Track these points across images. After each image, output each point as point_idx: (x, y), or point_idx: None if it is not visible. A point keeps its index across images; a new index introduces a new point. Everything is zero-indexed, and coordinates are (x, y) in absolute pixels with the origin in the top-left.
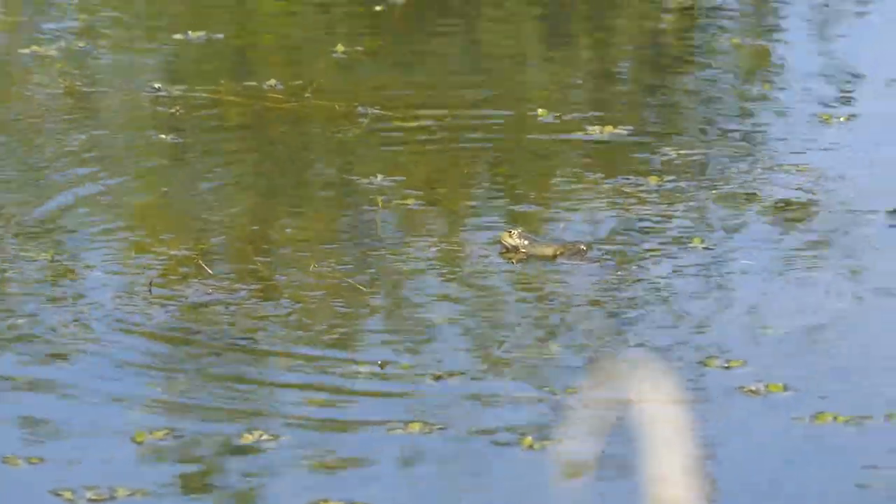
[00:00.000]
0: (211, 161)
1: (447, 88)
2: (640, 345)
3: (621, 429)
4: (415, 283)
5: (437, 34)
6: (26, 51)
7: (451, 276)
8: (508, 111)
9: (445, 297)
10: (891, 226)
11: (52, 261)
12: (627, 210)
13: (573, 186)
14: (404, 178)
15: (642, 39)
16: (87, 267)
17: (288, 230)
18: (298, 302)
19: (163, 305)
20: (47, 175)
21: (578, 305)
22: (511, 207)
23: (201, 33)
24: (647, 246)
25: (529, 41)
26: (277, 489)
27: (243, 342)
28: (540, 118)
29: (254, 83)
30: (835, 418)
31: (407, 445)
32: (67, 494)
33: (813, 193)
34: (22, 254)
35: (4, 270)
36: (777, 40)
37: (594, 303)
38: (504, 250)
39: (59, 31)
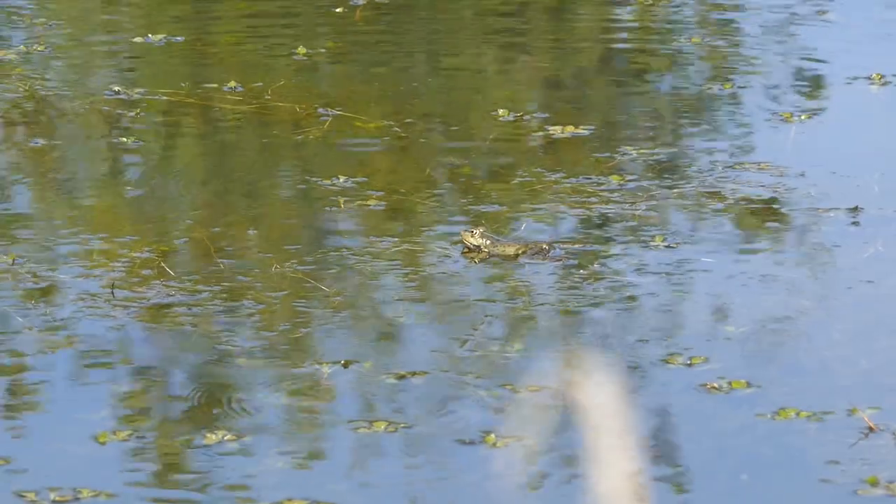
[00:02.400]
0: (171, 163)
1: (408, 89)
2: (601, 343)
3: (568, 422)
4: (377, 284)
5: (397, 35)
6: None
7: (414, 276)
8: (469, 111)
9: (408, 297)
10: (851, 223)
11: (12, 263)
12: (589, 209)
13: (535, 186)
14: (366, 178)
15: (602, 39)
16: (50, 269)
17: (250, 231)
18: (261, 303)
19: (125, 307)
20: (7, 178)
21: (540, 304)
22: (472, 207)
23: (161, 36)
24: (609, 245)
25: (489, 42)
26: (242, 489)
27: (206, 343)
28: (501, 118)
29: (214, 85)
30: (797, 414)
31: (371, 444)
32: (31, 496)
33: (774, 191)
34: None
35: None
36: (737, 39)
37: (557, 302)
38: (466, 250)
39: (17, 35)
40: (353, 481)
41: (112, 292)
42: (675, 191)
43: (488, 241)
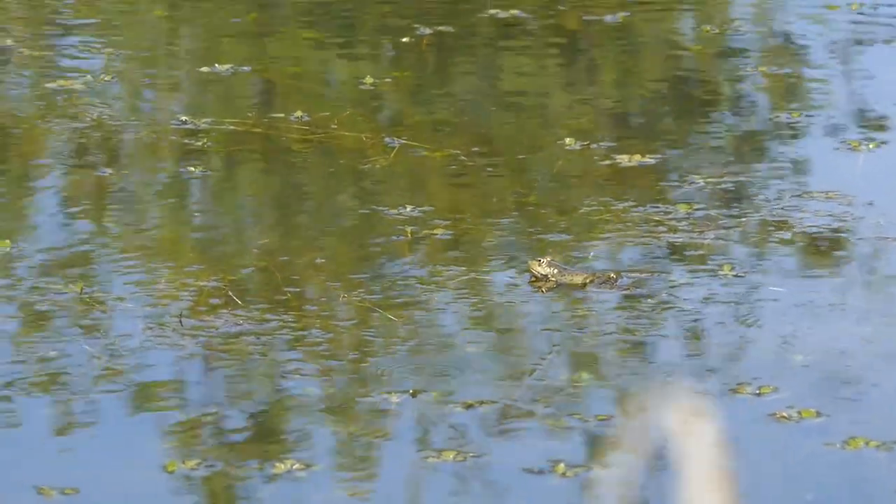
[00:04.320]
0: (238, 192)
1: (474, 118)
2: (671, 373)
3: (658, 458)
4: (445, 313)
5: (463, 64)
6: (52, 85)
7: (481, 305)
8: (535, 140)
9: (476, 326)
10: None
11: (81, 293)
12: (657, 238)
13: (602, 215)
14: (432, 207)
15: (668, 68)
16: (118, 299)
17: (317, 260)
18: (328, 332)
19: (193, 336)
20: (76, 208)
21: (608, 334)
22: (540, 236)
23: (228, 66)
24: (676, 274)
25: (554, 71)
26: None
27: (274, 372)
28: (567, 146)
29: (280, 115)
30: (866, 443)
31: (441, 473)
32: None
33: (842, 220)
34: (51, 286)
35: (34, 303)
36: (804, 67)
37: (624, 331)
38: (534, 279)
39: (84, 65)
40: None
41: (180, 321)
42: (743, 220)
43: (556, 270)
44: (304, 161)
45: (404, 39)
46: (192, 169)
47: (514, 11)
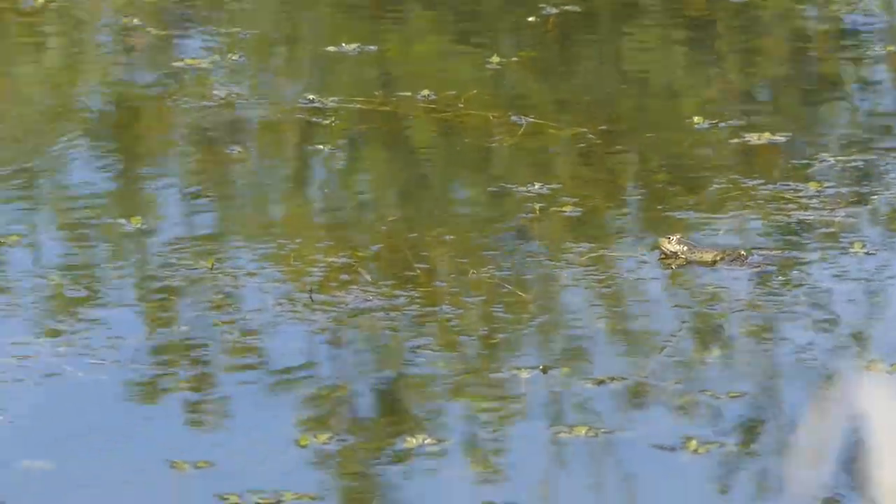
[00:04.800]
0: (366, 170)
1: (601, 96)
2: (801, 350)
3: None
4: (573, 289)
5: (589, 43)
6: (179, 64)
7: (610, 282)
8: (663, 118)
9: (605, 303)
10: None
11: (211, 268)
12: (787, 216)
13: (731, 192)
14: (560, 185)
15: (795, 47)
16: (249, 274)
17: (446, 237)
18: (458, 308)
19: (324, 312)
20: (206, 186)
21: (739, 311)
22: (669, 213)
23: (355, 45)
24: (807, 251)
25: (680, 50)
26: (441, 493)
27: (404, 347)
28: (696, 125)
29: (408, 93)
30: None
31: (573, 449)
32: (234, 498)
33: None
34: (182, 262)
35: (166, 278)
36: None
37: (755, 308)
38: (663, 256)
39: (211, 44)
40: (556, 487)
41: (311, 297)
42: (874, 197)
43: (685, 248)
44: (431, 139)
45: (530, 19)
46: (321, 147)
47: None
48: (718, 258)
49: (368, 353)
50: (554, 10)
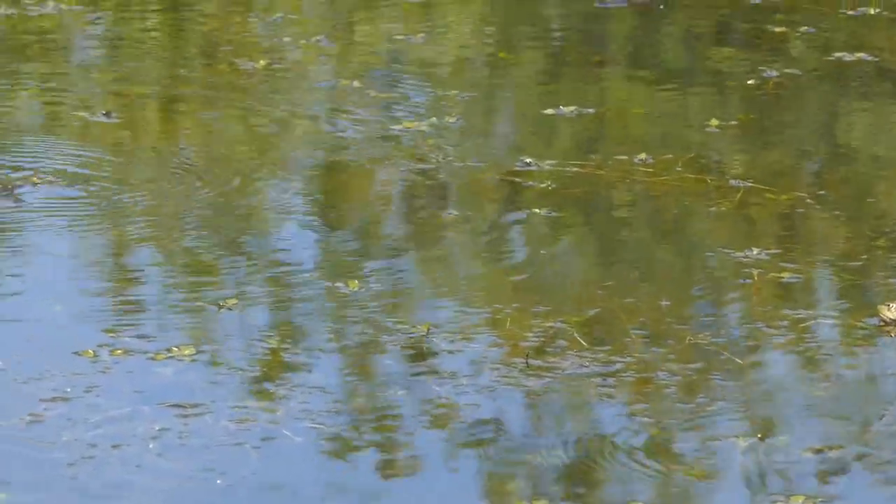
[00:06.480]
0: (581, 233)
1: (819, 161)
2: None
3: None
4: (791, 356)
5: (809, 107)
6: (398, 127)
7: (827, 349)
8: (879, 186)
9: (822, 370)
10: None
11: (427, 333)
12: None
13: None
14: (779, 250)
15: None
16: (464, 339)
17: (662, 302)
18: (675, 374)
19: (539, 377)
20: (421, 248)
21: None
22: (889, 280)
23: (573, 107)
24: None
25: None
26: None
27: (622, 413)
28: None
29: (624, 157)
30: None
31: None
32: None
33: None
34: (398, 327)
35: (382, 344)
36: None
37: None
38: (882, 323)
39: (429, 106)
40: None
41: (527, 362)
42: None
43: None
44: (648, 203)
45: (750, 82)
46: (537, 210)
47: (860, 54)
48: None
49: (584, 419)
50: (775, 74)
